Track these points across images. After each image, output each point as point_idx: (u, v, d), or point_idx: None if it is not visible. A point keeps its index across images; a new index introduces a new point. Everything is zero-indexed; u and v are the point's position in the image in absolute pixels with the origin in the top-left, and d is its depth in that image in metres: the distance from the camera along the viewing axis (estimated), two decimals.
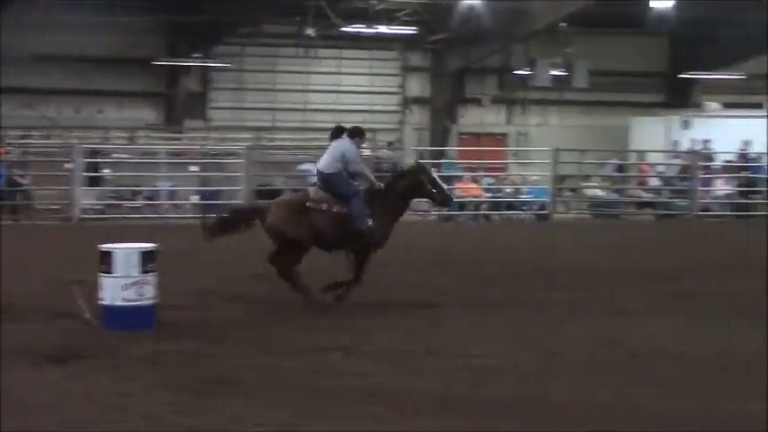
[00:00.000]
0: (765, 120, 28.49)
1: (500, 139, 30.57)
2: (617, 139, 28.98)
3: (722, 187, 26.61)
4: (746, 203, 26.25)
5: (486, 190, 24.95)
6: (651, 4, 28.09)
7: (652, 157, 28.13)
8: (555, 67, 29.78)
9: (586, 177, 26.40)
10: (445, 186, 11.45)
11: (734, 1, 28.31)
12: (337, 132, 10.84)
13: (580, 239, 17.99)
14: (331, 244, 10.81)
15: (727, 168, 27.18)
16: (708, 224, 23.70)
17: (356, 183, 10.78)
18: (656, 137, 29.02)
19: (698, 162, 25.85)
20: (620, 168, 27.11)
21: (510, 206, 24.64)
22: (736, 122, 28.87)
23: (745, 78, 32.00)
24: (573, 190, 25.89)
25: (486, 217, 24.07)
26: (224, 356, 8.28)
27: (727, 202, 26.21)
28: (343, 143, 10.72)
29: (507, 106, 31.40)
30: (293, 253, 10.60)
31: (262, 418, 6.38)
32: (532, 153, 27.93)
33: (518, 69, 30.48)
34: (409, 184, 10.98)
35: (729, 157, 27.40)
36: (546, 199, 23.85)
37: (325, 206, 10.63)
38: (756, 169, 27.21)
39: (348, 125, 11.07)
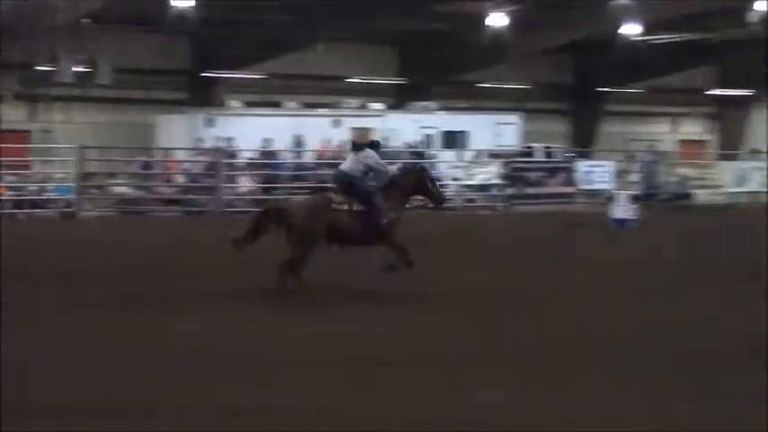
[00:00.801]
0: (284, 118, 31.34)
1: (23, 136, 30.80)
2: (143, 136, 30.33)
3: (246, 184, 28.88)
4: (269, 199, 28.80)
5: (9, 188, 25.37)
6: (172, 3, 29.33)
7: (178, 155, 29.77)
8: (79, 63, 30.56)
9: (112, 175, 27.55)
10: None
11: (254, 2, 30.63)
12: (359, 146, 13.55)
13: (106, 238, 18.86)
14: (352, 240, 12.90)
15: (250, 165, 29.54)
16: (232, 220, 25.53)
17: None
18: (180, 135, 30.61)
19: (222, 159, 27.95)
20: (146, 166, 28.55)
21: (34, 204, 25.24)
22: (257, 120, 31.32)
23: (266, 78, 34.80)
24: (99, 187, 26.95)
25: (11, 215, 24.48)
26: None
27: (251, 199, 28.52)
28: (369, 153, 13.26)
29: (30, 102, 31.67)
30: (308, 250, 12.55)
31: None
32: (57, 150, 28.55)
33: (41, 65, 30.88)
34: (415, 181, 13.51)
35: (252, 154, 29.77)
36: (71, 196, 24.76)
37: (346, 206, 12.85)
38: (278, 166, 29.89)
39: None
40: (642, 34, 37.03)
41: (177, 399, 7.60)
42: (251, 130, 30.02)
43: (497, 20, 34.31)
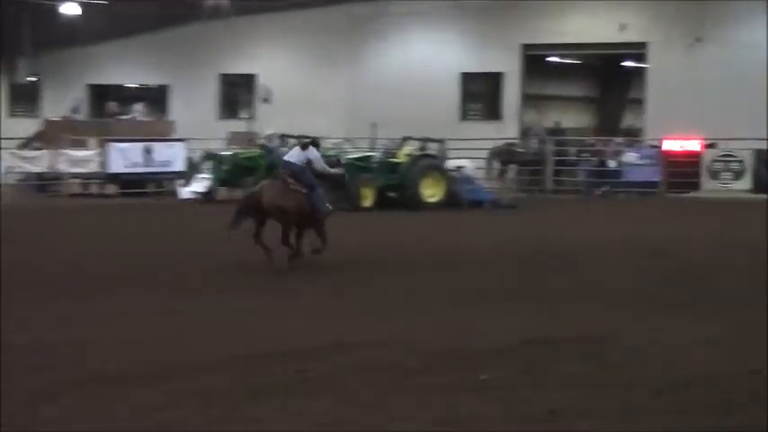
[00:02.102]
0: None
1: None
2: None
3: None
4: None
5: None
6: None
7: None
8: None
9: None
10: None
11: None
12: (305, 144, 19.37)
13: None
14: (303, 218, 18.33)
15: None
16: None
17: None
18: None
19: None
20: None
21: None
22: None
23: None
24: None
25: None
26: None
27: None
28: (312, 150, 19.04)
29: None
30: (287, 224, 18.18)
31: None
32: None
33: None
34: (341, 174, 20.36)
35: None
36: None
37: (299, 188, 18.35)
38: None
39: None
40: None
41: None
42: None
43: None
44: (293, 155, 19.20)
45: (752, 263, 19.20)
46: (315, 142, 19.57)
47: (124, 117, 44.70)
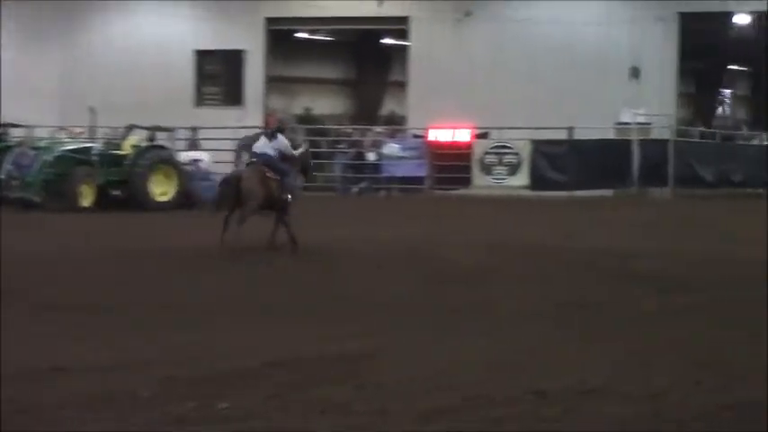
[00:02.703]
0: None
1: None
2: None
3: None
4: None
5: None
6: None
7: None
8: None
9: None
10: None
11: None
12: (271, 132, 22.89)
13: None
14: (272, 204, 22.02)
15: None
16: None
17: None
18: None
19: None
20: None
21: None
22: None
23: None
24: None
25: None
26: None
27: None
28: (281, 138, 22.62)
29: None
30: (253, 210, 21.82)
31: None
32: None
33: None
34: (305, 162, 23.77)
35: None
36: None
37: (273, 175, 22.01)
38: None
39: None
40: None
41: None
42: None
43: None
44: (261, 145, 22.64)
45: (526, 268, 19.78)
46: (281, 129, 23.39)
47: None
